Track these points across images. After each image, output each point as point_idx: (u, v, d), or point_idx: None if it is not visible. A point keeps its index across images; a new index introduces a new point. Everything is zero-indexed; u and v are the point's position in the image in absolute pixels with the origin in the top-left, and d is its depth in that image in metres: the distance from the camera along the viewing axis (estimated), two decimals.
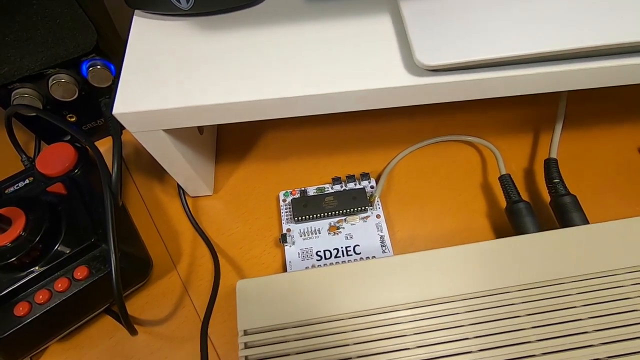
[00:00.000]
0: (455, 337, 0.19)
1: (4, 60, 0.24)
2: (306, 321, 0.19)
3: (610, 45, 0.18)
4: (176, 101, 0.19)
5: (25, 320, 0.21)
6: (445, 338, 0.19)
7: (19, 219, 0.21)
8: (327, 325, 0.19)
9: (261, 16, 0.21)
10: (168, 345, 0.24)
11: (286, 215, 0.27)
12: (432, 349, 0.18)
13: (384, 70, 0.19)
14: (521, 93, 0.20)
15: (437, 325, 0.19)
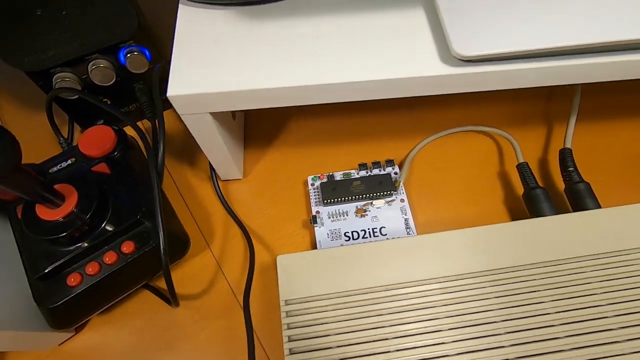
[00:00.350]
0: (481, 309, 0.20)
1: (50, 44, 0.25)
2: (343, 292, 0.21)
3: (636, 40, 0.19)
4: (224, 85, 0.20)
5: (77, 290, 0.22)
6: (473, 309, 0.20)
7: (71, 195, 0.22)
8: (362, 297, 0.21)
9: (301, 7, 0.23)
10: (204, 317, 0.26)
11: (315, 199, 0.28)
12: (461, 319, 0.20)
13: (420, 60, 0.20)
14: (549, 84, 0.21)
15: (464, 298, 0.20)
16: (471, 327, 0.20)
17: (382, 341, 0.19)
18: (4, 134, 0.17)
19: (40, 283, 0.22)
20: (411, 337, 0.19)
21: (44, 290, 0.22)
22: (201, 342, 0.25)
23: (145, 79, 0.30)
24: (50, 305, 0.22)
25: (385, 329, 0.20)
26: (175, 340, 0.25)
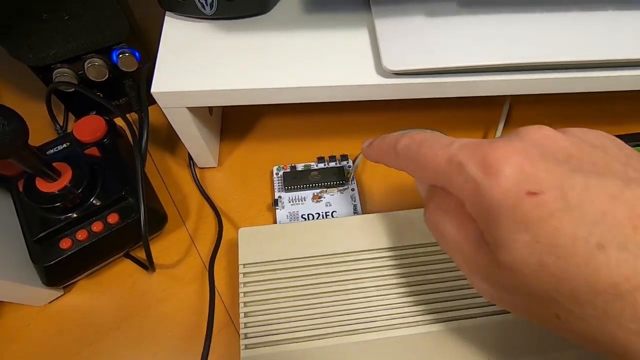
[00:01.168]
0: (395, 275, 0.25)
1: (53, 44, 0.29)
2: (290, 259, 0.25)
3: (535, 63, 0.24)
4: (199, 85, 0.25)
5: (68, 252, 0.26)
6: (387, 275, 0.25)
7: (66, 172, 0.26)
8: (307, 262, 0.25)
9: (268, 23, 0.27)
10: (177, 284, 0.30)
11: (278, 185, 0.33)
12: (382, 280, 0.25)
13: (359, 71, 0.25)
14: (469, 95, 0.26)
15: (382, 267, 0.25)
16: (387, 288, 0.24)
17: (316, 295, 0.24)
18: (15, 116, 0.21)
19: (36, 245, 0.26)
20: (339, 292, 0.24)
21: (40, 251, 0.26)
22: (174, 304, 0.29)
23: (134, 76, 0.34)
24: (44, 264, 0.26)
25: (320, 286, 0.24)
26: (152, 302, 0.29)
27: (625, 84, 0.26)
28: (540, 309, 0.15)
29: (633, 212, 0.13)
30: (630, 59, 0.25)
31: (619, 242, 0.13)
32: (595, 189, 0.13)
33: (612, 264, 0.12)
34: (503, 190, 0.14)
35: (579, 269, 0.13)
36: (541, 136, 0.15)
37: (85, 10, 0.28)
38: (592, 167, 0.14)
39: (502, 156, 0.15)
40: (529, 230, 0.14)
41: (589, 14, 0.26)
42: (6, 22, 0.26)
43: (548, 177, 0.14)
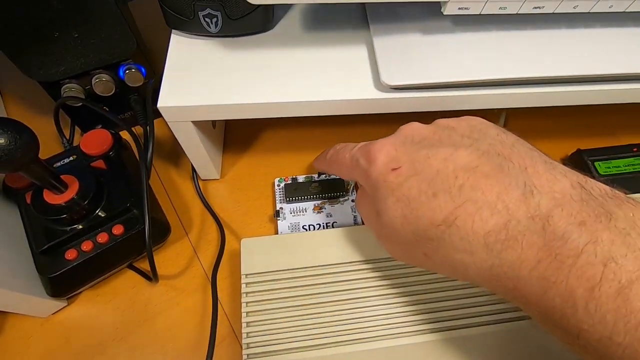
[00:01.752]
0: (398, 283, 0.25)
1: (62, 61, 0.30)
2: (292, 269, 0.26)
3: (525, 77, 0.25)
4: (204, 100, 0.25)
5: (73, 263, 0.27)
6: (392, 283, 0.25)
7: (73, 184, 0.27)
8: (308, 272, 0.25)
9: (270, 40, 0.28)
10: (180, 295, 0.30)
11: (279, 197, 0.33)
12: (383, 290, 0.25)
13: (358, 86, 0.26)
14: (465, 109, 0.27)
15: (387, 275, 0.25)
16: (388, 297, 0.25)
17: (318, 305, 0.24)
18: (27, 130, 0.22)
19: (42, 256, 0.27)
20: (340, 302, 0.24)
21: (45, 262, 0.27)
22: (176, 315, 0.30)
23: (140, 91, 0.35)
24: (49, 274, 0.26)
25: (322, 296, 0.25)
26: (154, 313, 0.30)
27: (614, 97, 0.27)
28: (413, 252, 0.19)
29: (456, 165, 0.18)
30: (619, 73, 0.26)
31: (445, 188, 0.17)
32: (433, 156, 0.19)
33: (442, 204, 0.17)
34: (378, 171, 0.20)
35: (424, 213, 0.18)
36: (409, 129, 0.21)
37: (95, 29, 0.29)
38: (437, 142, 0.20)
39: (378, 148, 0.21)
40: (394, 194, 0.19)
41: (578, 31, 0.27)
42: (20, 42, 0.27)
43: (404, 155, 0.20)
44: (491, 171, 0.17)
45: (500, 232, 0.16)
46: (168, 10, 0.27)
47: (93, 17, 0.28)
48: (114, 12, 0.28)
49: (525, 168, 0.17)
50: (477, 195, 0.17)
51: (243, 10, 0.26)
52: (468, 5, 0.23)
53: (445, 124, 0.21)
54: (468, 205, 0.17)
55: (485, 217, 0.16)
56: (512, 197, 0.16)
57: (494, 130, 0.20)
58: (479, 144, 0.19)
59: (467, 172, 0.17)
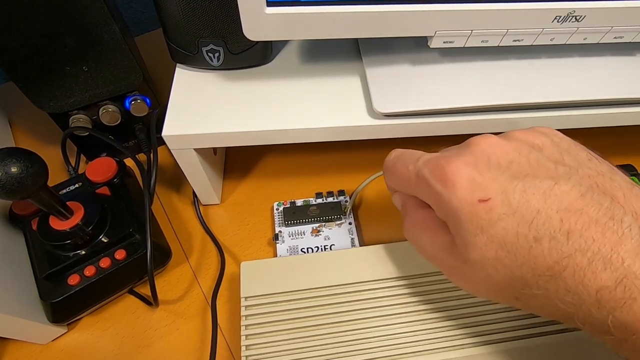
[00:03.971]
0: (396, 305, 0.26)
1: (72, 93, 0.31)
2: (291, 291, 0.26)
3: (510, 104, 0.27)
4: (206, 128, 0.27)
5: (76, 288, 0.27)
6: (391, 306, 0.26)
7: (78, 211, 0.28)
8: (307, 294, 0.26)
9: (269, 72, 0.30)
10: (179, 319, 0.31)
11: (278, 220, 0.34)
12: (383, 310, 0.25)
13: (352, 114, 0.27)
14: (449, 133, 0.28)
15: (388, 297, 0.26)
16: (386, 318, 0.25)
17: (316, 327, 0.25)
18: (37, 159, 0.23)
19: (45, 282, 0.27)
20: (339, 323, 0.25)
21: (48, 288, 0.27)
22: (176, 340, 0.30)
23: (144, 120, 0.36)
24: (52, 300, 0.27)
25: (320, 318, 0.25)
26: (154, 338, 0.30)
27: (600, 121, 0.29)
28: (503, 294, 0.18)
29: (560, 206, 0.16)
30: (600, 99, 0.27)
31: (549, 233, 0.16)
32: (530, 190, 0.16)
33: (546, 252, 0.16)
34: (460, 200, 0.17)
35: (523, 259, 0.16)
36: (487, 145, 0.18)
37: (104, 63, 0.31)
38: (529, 170, 0.17)
39: (456, 169, 0.18)
40: (485, 232, 0.17)
41: (558, 60, 0.29)
42: (33, 75, 0.29)
43: (493, 184, 0.17)
44: (601, 217, 0.15)
45: (615, 288, 0.15)
46: (173, 46, 0.29)
47: (102, 52, 0.30)
48: (122, 47, 0.30)
49: (635, 213, 0.16)
50: (588, 244, 0.15)
51: (243, 45, 0.28)
52: (452, 39, 0.25)
53: (528, 141, 0.19)
54: (578, 256, 0.15)
55: (598, 271, 0.15)
56: (628, 248, 0.15)
57: (583, 152, 0.18)
58: (578, 175, 0.17)
59: (574, 215, 0.15)
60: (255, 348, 0.24)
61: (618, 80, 0.28)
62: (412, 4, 0.23)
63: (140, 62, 0.34)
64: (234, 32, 0.27)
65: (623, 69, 0.29)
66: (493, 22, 0.24)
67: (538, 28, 0.25)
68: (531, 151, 0.18)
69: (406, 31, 0.24)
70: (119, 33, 0.29)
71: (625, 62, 0.30)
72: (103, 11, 0.28)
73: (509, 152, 0.18)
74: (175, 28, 0.28)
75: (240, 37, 0.25)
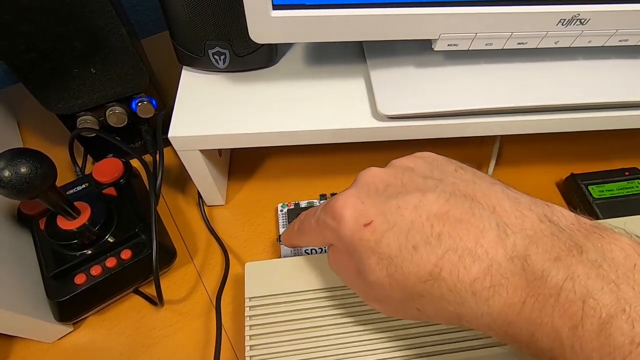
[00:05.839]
0: None
1: (80, 95, 0.32)
2: (296, 292, 0.26)
3: (513, 107, 0.27)
4: (212, 130, 0.27)
5: (82, 288, 0.27)
6: None
7: (85, 211, 0.28)
8: (311, 295, 0.26)
9: (274, 74, 0.30)
10: (184, 319, 0.31)
11: (282, 222, 0.34)
12: None
13: (357, 116, 0.28)
14: (453, 136, 0.28)
15: None
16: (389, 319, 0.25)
17: (320, 328, 0.25)
18: (46, 160, 0.23)
19: (52, 281, 0.27)
20: (343, 324, 0.25)
21: (55, 287, 0.27)
22: (180, 340, 0.30)
23: (150, 122, 0.37)
24: (59, 299, 0.27)
25: (324, 319, 0.25)
26: (159, 338, 0.30)
27: (605, 124, 0.29)
28: (406, 309, 0.19)
29: (430, 213, 0.17)
30: (605, 102, 0.27)
31: (424, 239, 0.17)
32: (403, 204, 0.18)
33: (424, 257, 0.16)
34: (349, 229, 0.18)
35: (408, 269, 0.17)
36: (369, 176, 0.20)
37: (111, 65, 0.31)
38: (402, 189, 0.19)
39: (342, 204, 0.19)
40: (374, 252, 0.18)
41: (562, 63, 0.29)
42: (42, 78, 0.30)
43: (372, 207, 0.18)
44: (463, 215, 0.17)
45: (484, 278, 0.16)
46: (180, 49, 0.29)
47: (110, 54, 0.30)
48: (129, 50, 0.31)
49: (493, 207, 0.17)
50: (456, 242, 0.16)
51: (249, 48, 0.28)
52: (456, 42, 0.25)
53: (403, 165, 0.20)
54: (450, 255, 0.16)
55: (468, 265, 0.16)
56: (489, 240, 0.16)
57: (451, 165, 0.20)
58: (443, 184, 0.18)
59: (441, 219, 0.17)
60: (259, 348, 0.24)
61: (622, 83, 0.28)
62: (417, 8, 0.23)
63: (146, 64, 0.35)
64: (240, 35, 0.28)
65: (628, 72, 0.29)
66: (497, 25, 0.24)
67: (542, 31, 0.25)
68: (405, 172, 0.20)
69: (410, 34, 0.25)
70: (126, 36, 0.29)
71: (630, 65, 0.30)
72: (111, 14, 0.28)
73: (385, 178, 0.20)
74: (182, 31, 0.28)
75: (246, 39, 0.26)
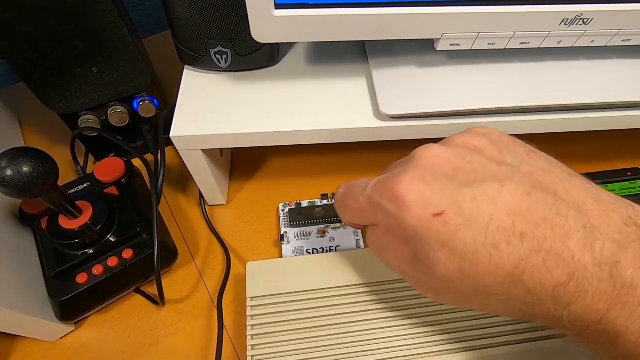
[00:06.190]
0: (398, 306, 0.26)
1: (82, 95, 0.32)
2: (298, 292, 0.26)
3: (516, 107, 0.27)
4: (214, 129, 0.27)
5: (84, 287, 0.27)
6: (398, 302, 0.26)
7: (87, 210, 0.28)
8: (313, 295, 0.26)
9: (275, 74, 0.30)
10: (185, 319, 0.31)
11: (284, 222, 0.34)
12: (390, 318, 0.25)
13: (359, 115, 0.28)
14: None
15: (394, 296, 0.26)
16: (391, 320, 0.25)
17: (323, 327, 0.25)
18: (48, 159, 0.23)
19: (54, 280, 0.27)
20: (345, 324, 0.25)
21: (57, 286, 0.27)
22: (182, 339, 0.30)
23: (152, 121, 0.37)
24: (60, 298, 0.27)
25: (326, 318, 0.25)
26: (160, 337, 0.30)
27: (606, 124, 0.29)
28: (471, 301, 0.18)
29: (510, 208, 0.16)
30: (606, 102, 0.27)
31: (505, 238, 0.16)
32: (480, 196, 0.16)
33: (504, 257, 0.16)
34: (414, 218, 0.17)
35: (485, 268, 0.16)
36: (432, 155, 0.18)
37: (113, 65, 0.31)
38: (475, 176, 0.17)
39: (404, 187, 0.17)
40: (445, 246, 0.16)
41: (564, 63, 0.29)
42: (44, 77, 0.30)
43: (443, 196, 0.17)
44: (547, 213, 0.16)
45: (568, 283, 0.15)
46: (182, 48, 0.29)
47: (112, 54, 0.30)
48: (131, 49, 0.31)
49: (578, 206, 0.16)
50: (541, 244, 0.15)
51: (251, 47, 0.28)
52: (459, 42, 0.25)
53: (468, 144, 0.19)
54: (533, 257, 0.15)
55: (552, 269, 0.15)
56: (575, 242, 0.15)
57: (521, 148, 0.19)
58: (520, 174, 0.17)
59: (523, 216, 0.16)
60: (261, 348, 0.24)
61: (625, 83, 0.28)
62: (419, 7, 0.23)
63: (148, 63, 0.34)
64: (242, 35, 0.27)
65: (630, 72, 0.29)
66: (500, 25, 0.24)
67: (545, 31, 0.25)
68: (473, 155, 0.18)
69: (413, 34, 0.25)
70: (128, 36, 0.29)
71: (633, 65, 0.30)
72: (113, 14, 0.28)
73: (451, 159, 0.18)
74: (184, 30, 0.28)
75: (248, 39, 0.25)
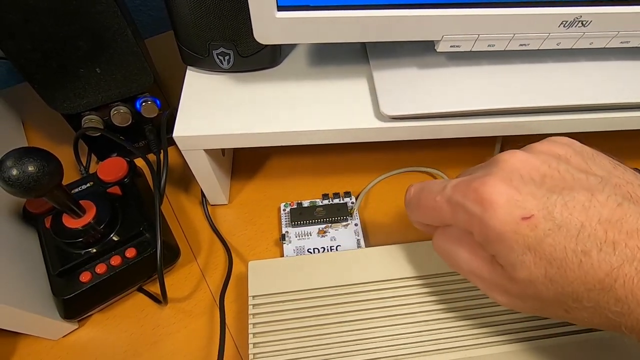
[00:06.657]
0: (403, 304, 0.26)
1: (85, 95, 0.32)
2: (299, 291, 0.26)
3: (515, 108, 0.27)
4: (216, 129, 0.27)
5: (87, 285, 0.28)
6: (398, 304, 0.26)
7: (90, 209, 0.28)
8: (314, 294, 0.26)
9: (277, 75, 0.31)
10: (187, 318, 0.31)
11: (285, 221, 0.35)
12: (388, 311, 0.26)
13: (359, 116, 0.28)
14: (454, 136, 0.29)
15: (393, 297, 0.26)
16: (390, 318, 0.25)
17: (323, 326, 0.25)
18: (53, 158, 0.23)
19: (58, 279, 0.28)
20: (346, 322, 0.25)
21: (61, 284, 0.28)
22: (184, 338, 0.30)
23: (154, 122, 0.37)
24: (64, 296, 0.27)
25: (327, 317, 0.25)
26: (162, 336, 0.30)
27: (608, 125, 0.29)
28: (551, 308, 0.18)
29: (601, 217, 0.16)
30: (607, 103, 0.28)
31: (597, 245, 0.16)
32: (570, 203, 0.16)
33: (595, 265, 0.16)
34: (501, 220, 0.17)
35: (574, 274, 0.16)
36: (516, 160, 0.18)
37: (116, 65, 0.31)
38: (563, 183, 0.17)
39: (491, 189, 0.17)
40: (532, 250, 0.17)
41: (564, 65, 0.30)
42: (48, 77, 0.30)
43: (533, 200, 0.17)
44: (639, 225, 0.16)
45: None
46: (184, 49, 0.30)
47: (115, 55, 0.31)
48: (134, 50, 0.31)
49: None
50: (634, 254, 0.15)
51: (253, 48, 0.29)
52: (459, 44, 0.26)
53: (553, 152, 0.19)
54: (626, 266, 0.15)
55: None
56: None
57: (606, 160, 0.19)
58: (610, 186, 0.17)
59: (615, 225, 0.16)
60: (263, 346, 0.25)
61: (624, 85, 0.29)
62: (420, 9, 0.23)
63: (150, 64, 0.35)
64: (245, 36, 0.28)
65: (629, 73, 0.29)
66: (499, 26, 0.25)
67: (544, 33, 0.25)
68: (559, 163, 0.18)
69: (413, 35, 0.25)
70: (131, 36, 0.30)
71: (632, 67, 0.30)
72: (116, 15, 0.28)
73: (538, 166, 0.18)
74: (187, 31, 0.28)
75: (251, 40, 0.26)
